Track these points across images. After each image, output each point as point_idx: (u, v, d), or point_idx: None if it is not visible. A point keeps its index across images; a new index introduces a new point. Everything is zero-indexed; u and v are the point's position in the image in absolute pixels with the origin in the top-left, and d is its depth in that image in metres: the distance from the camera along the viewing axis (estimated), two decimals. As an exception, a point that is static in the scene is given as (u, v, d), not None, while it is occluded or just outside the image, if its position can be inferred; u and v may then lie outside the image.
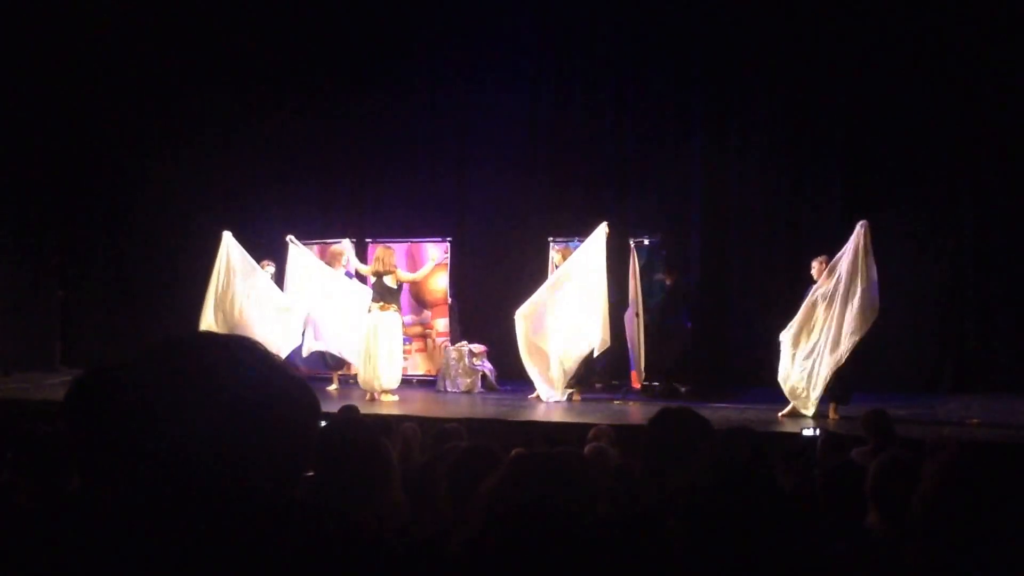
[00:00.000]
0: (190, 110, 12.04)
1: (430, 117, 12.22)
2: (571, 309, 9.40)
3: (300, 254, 10.31)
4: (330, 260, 10.40)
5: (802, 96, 10.85)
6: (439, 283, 11.45)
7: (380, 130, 12.29)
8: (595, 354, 9.40)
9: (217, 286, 9.97)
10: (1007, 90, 10.05)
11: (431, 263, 10.69)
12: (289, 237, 10.31)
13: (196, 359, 1.17)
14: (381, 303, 9.57)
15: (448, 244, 11.37)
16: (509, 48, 11.86)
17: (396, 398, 9.60)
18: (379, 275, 9.62)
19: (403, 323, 10.12)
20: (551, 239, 10.62)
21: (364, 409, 7.49)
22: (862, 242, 8.07)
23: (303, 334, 10.19)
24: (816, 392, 8.22)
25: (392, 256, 9.86)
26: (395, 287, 9.66)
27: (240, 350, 1.21)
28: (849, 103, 10.67)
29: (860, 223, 8.13)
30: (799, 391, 8.30)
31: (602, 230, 9.43)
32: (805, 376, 8.26)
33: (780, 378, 8.42)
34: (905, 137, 10.48)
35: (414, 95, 12.19)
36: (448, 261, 11.37)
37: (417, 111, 12.22)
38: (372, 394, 9.48)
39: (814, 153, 10.94)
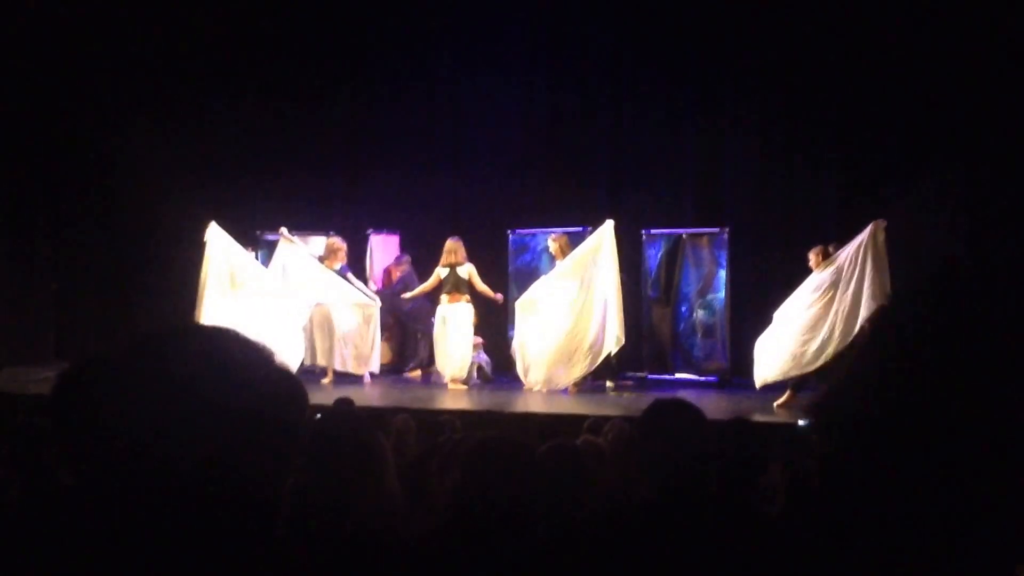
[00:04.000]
0: (182, 99, 11.98)
1: (424, 109, 12.19)
2: (585, 307, 9.41)
3: (292, 249, 10.25)
4: (327, 255, 10.33)
5: (797, 87, 10.81)
6: None
7: (374, 121, 12.25)
8: (612, 352, 9.40)
9: (207, 285, 9.89)
10: (1004, 79, 10.01)
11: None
12: (282, 229, 10.27)
13: (178, 351, 1.16)
14: (454, 293, 9.77)
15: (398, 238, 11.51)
16: (504, 41, 11.84)
17: (465, 387, 9.81)
18: (452, 266, 9.80)
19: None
20: (540, 230, 10.63)
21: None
22: (867, 239, 8.13)
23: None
24: (791, 370, 8.32)
25: (462, 247, 9.94)
26: (467, 278, 9.81)
27: (224, 341, 1.20)
28: (844, 95, 10.65)
29: (875, 221, 8.20)
30: (775, 364, 8.40)
31: (607, 227, 9.41)
32: (790, 355, 8.32)
33: (757, 347, 8.60)
34: (902, 129, 10.46)
35: (408, 87, 12.14)
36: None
37: (411, 103, 12.16)
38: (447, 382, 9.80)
39: (811, 145, 10.93)
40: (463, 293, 9.80)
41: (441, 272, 9.91)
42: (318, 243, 10.93)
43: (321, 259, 10.31)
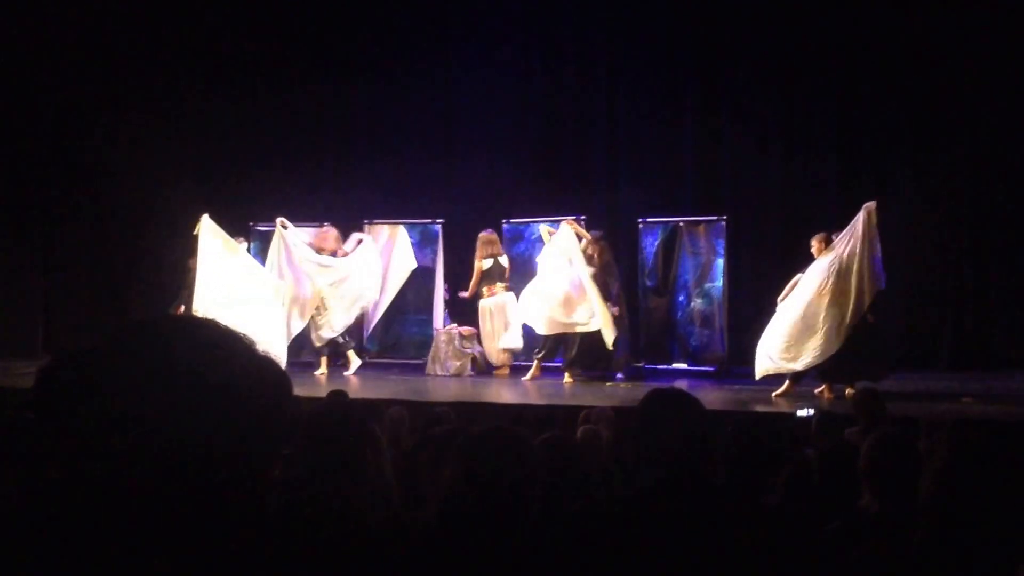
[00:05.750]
0: (173, 93, 11.92)
1: (418, 98, 12.13)
2: (568, 301, 9.40)
3: (289, 239, 10.17)
4: (320, 243, 10.26)
5: (795, 75, 10.80)
6: None
7: (367, 111, 12.22)
8: (609, 345, 9.36)
9: (202, 278, 9.78)
10: (1006, 67, 9.98)
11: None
12: (280, 220, 10.20)
13: (159, 341, 1.15)
14: (499, 282, 9.97)
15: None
16: (499, 29, 11.80)
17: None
18: (495, 257, 9.98)
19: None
20: (535, 219, 10.60)
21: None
22: (861, 223, 8.10)
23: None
24: (790, 364, 8.27)
25: (496, 237, 10.16)
26: (507, 267, 10.06)
27: (205, 330, 1.19)
28: (842, 82, 10.63)
29: (866, 205, 8.15)
30: (775, 356, 8.37)
31: (566, 227, 9.48)
32: (791, 344, 8.29)
33: (762, 340, 8.53)
34: (902, 114, 10.44)
35: (402, 76, 12.08)
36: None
37: (405, 92, 12.11)
38: (505, 367, 10.02)
39: (809, 132, 10.91)
40: (505, 282, 10.00)
41: (485, 264, 9.97)
42: (311, 233, 10.84)
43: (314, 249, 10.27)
